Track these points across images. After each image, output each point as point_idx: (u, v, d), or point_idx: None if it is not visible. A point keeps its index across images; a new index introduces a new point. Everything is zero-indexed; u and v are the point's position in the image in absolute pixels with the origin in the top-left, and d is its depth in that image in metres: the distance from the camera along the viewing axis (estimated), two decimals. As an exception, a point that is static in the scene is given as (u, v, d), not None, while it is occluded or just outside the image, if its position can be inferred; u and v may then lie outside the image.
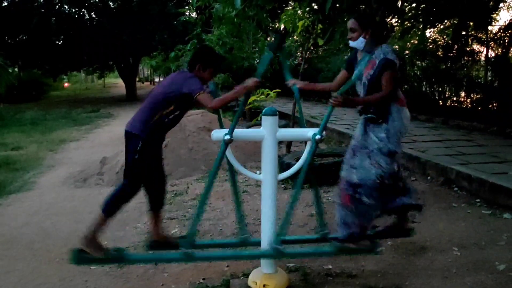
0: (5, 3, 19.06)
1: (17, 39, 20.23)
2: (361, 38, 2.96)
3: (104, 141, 9.71)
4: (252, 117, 9.85)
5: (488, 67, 10.07)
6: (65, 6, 20.20)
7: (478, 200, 4.57)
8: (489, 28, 9.69)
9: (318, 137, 2.81)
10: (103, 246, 2.91)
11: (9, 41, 19.92)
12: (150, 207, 3.12)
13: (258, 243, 3.08)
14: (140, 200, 3.22)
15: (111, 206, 2.90)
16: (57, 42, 20.97)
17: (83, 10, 21.09)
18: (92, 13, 21.34)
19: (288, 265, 3.27)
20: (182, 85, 2.85)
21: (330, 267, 3.26)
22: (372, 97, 2.95)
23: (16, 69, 23.31)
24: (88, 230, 2.85)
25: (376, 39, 2.96)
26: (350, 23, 3.01)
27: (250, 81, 2.83)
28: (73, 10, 20.84)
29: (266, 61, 3.10)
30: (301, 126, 3.23)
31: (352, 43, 3.02)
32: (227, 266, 3.32)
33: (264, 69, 3.06)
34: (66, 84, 34.93)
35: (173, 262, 3.27)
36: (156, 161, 3.06)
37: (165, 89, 2.92)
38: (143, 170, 2.93)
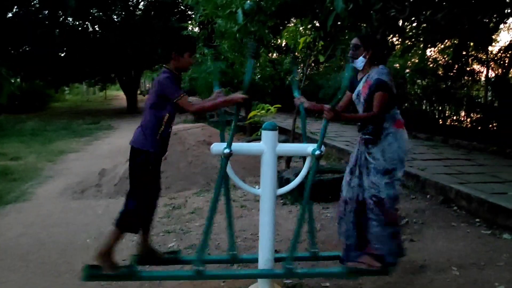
0: (10, 15, 19.22)
1: (20, 50, 20.35)
2: (361, 58, 3.00)
3: (104, 153, 9.70)
4: (252, 131, 9.85)
5: (488, 87, 10.14)
6: (69, 18, 20.38)
7: (477, 219, 4.54)
8: (490, 48, 9.78)
9: (317, 152, 2.81)
10: (116, 263, 2.92)
11: (12, 51, 20.04)
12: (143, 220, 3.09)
13: (250, 260, 3.19)
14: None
15: (126, 221, 2.89)
16: (60, 54, 21.08)
17: (87, 23, 21.28)
18: (95, 26, 21.51)
19: (285, 281, 3.24)
20: (161, 89, 2.80)
21: (328, 284, 3.22)
22: (361, 114, 3.03)
23: (18, 80, 23.37)
24: (104, 246, 2.88)
25: (375, 60, 3.01)
26: (354, 40, 3.04)
27: (236, 96, 2.82)
28: (77, 23, 21.02)
29: (250, 69, 2.88)
30: (303, 142, 3.21)
31: (351, 64, 3.05)
32: (223, 282, 3.27)
33: (250, 77, 2.88)
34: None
35: (184, 279, 3.21)
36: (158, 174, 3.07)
37: (152, 96, 2.90)
38: (153, 181, 2.96)
